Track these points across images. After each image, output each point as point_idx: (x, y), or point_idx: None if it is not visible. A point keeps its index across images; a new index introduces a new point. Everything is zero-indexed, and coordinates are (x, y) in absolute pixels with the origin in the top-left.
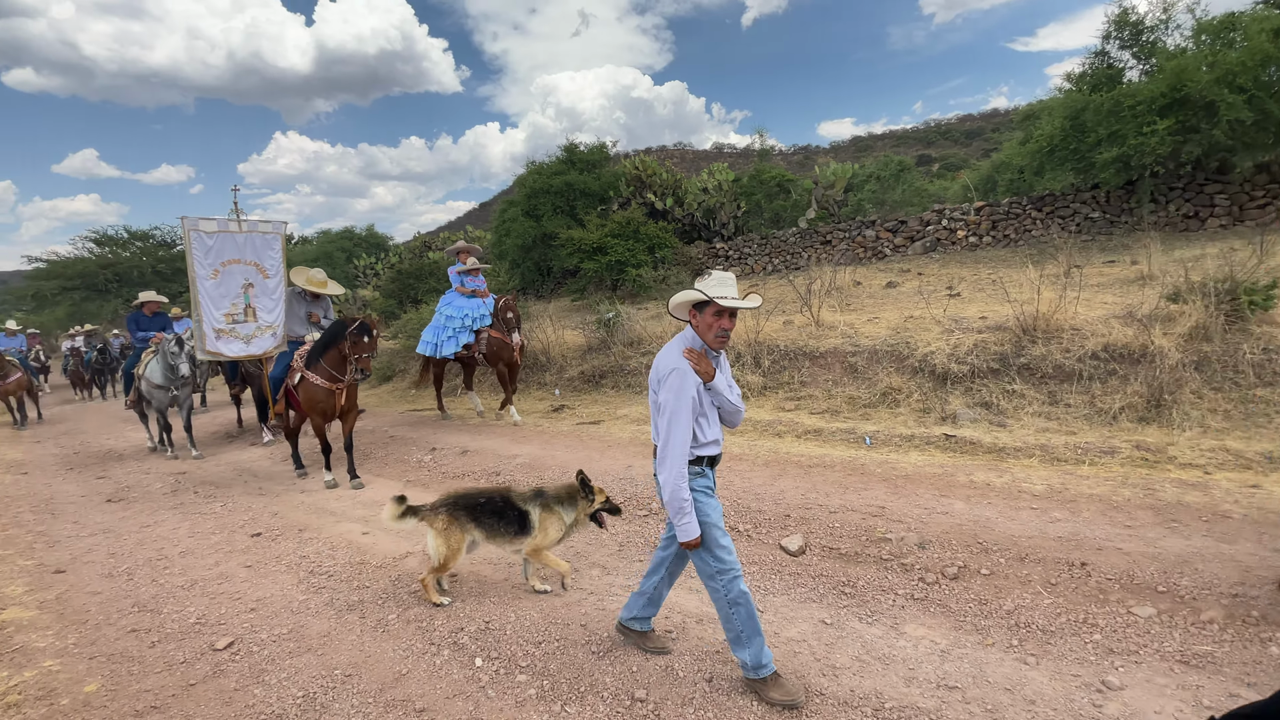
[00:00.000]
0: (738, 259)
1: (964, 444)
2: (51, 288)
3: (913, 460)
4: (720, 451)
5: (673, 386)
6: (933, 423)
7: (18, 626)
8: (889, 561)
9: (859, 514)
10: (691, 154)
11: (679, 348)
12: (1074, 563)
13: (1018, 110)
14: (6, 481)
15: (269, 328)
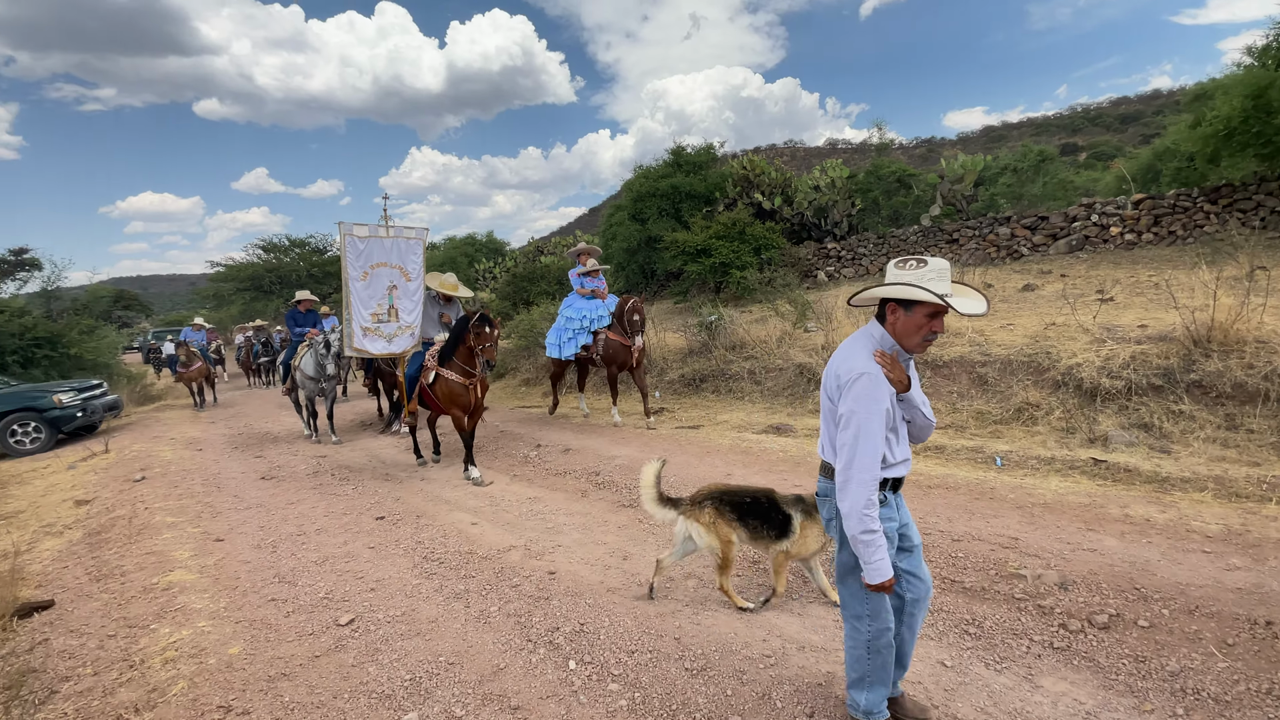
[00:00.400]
0: (851, 259)
1: (1117, 471)
2: (228, 288)
3: (1053, 487)
4: (908, 473)
5: (861, 394)
6: (1078, 445)
7: (182, 588)
8: (1023, 602)
9: (987, 544)
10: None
11: (865, 348)
12: (1257, 620)
13: (1185, 90)
14: (185, 456)
15: (408, 328)
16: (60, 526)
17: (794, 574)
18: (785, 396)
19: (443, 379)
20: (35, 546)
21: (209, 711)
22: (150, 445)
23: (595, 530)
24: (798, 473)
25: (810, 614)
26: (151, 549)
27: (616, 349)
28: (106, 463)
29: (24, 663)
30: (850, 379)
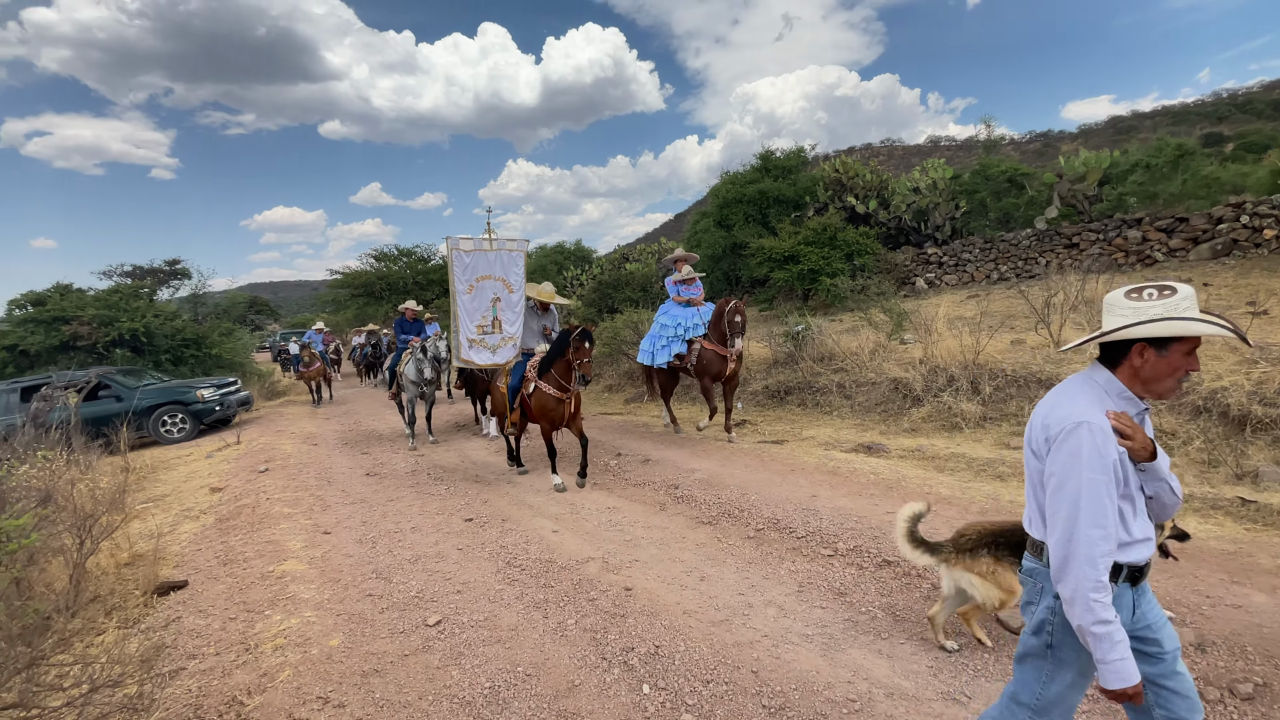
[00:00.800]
0: (954, 265)
1: (1269, 513)
2: (344, 294)
3: (1190, 528)
4: (1151, 557)
5: (1078, 450)
6: (1222, 481)
7: (293, 578)
8: None
9: None
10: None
11: (1087, 395)
12: None
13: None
14: (303, 450)
15: (510, 339)
16: (197, 511)
17: (879, 608)
18: (878, 413)
19: (539, 391)
20: (176, 529)
21: (310, 701)
22: (274, 439)
23: (673, 546)
24: (890, 498)
25: (900, 655)
26: (270, 538)
27: (711, 359)
28: (237, 453)
29: (159, 638)
30: (1064, 430)
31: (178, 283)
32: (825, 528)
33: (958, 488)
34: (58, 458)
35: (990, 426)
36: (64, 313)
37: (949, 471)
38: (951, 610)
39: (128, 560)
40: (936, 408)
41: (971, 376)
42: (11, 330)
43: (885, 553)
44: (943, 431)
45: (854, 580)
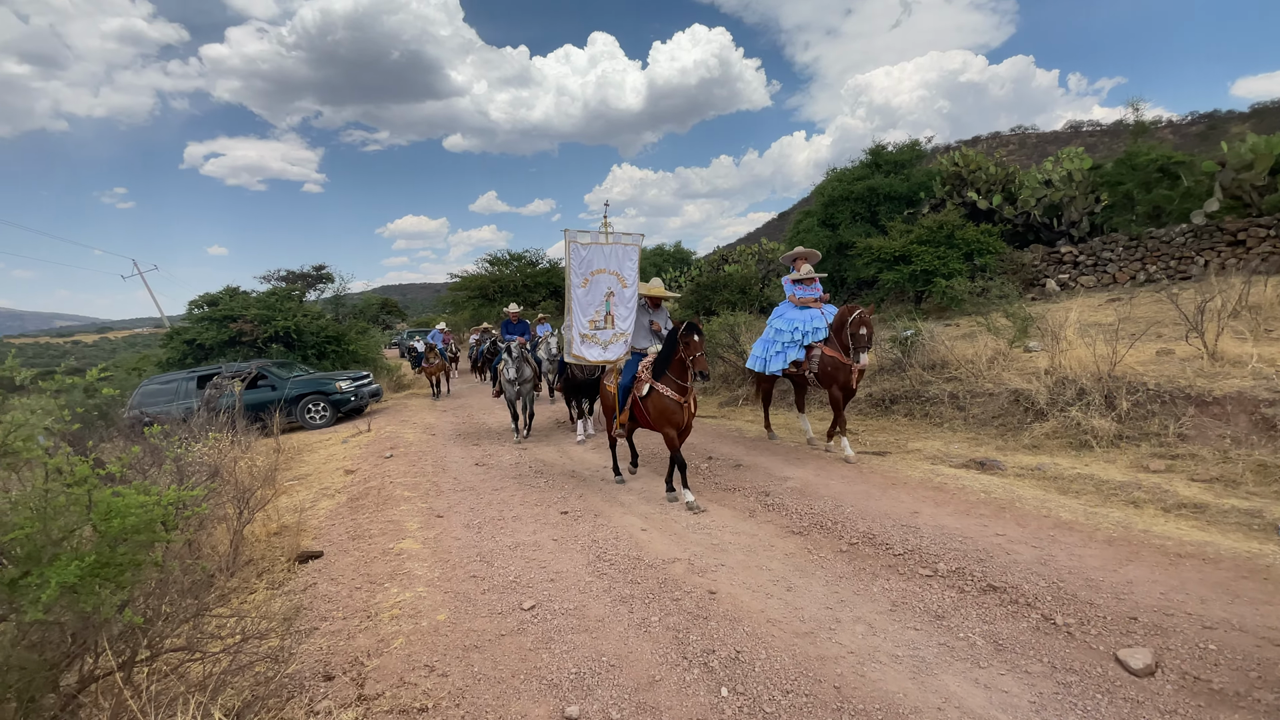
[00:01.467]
0: (1092, 265)
1: None
2: (461, 297)
3: None
4: None
5: None
6: None
7: (409, 555)
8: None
9: (1253, 638)
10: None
11: None
12: None
13: None
14: (423, 440)
15: (622, 335)
16: (333, 490)
17: (979, 635)
18: (994, 426)
19: (656, 394)
20: (315, 505)
21: (418, 668)
22: (398, 428)
23: (760, 554)
24: (1001, 519)
25: (999, 686)
26: (392, 517)
27: (835, 367)
28: (368, 440)
29: (300, 600)
30: None
31: (323, 286)
32: (925, 546)
33: (1081, 513)
34: (225, 438)
35: (1126, 446)
36: (232, 312)
37: (1073, 494)
38: None
39: (276, 530)
40: (1063, 423)
41: (1106, 390)
42: (191, 326)
43: (991, 577)
44: (1069, 450)
45: (953, 604)
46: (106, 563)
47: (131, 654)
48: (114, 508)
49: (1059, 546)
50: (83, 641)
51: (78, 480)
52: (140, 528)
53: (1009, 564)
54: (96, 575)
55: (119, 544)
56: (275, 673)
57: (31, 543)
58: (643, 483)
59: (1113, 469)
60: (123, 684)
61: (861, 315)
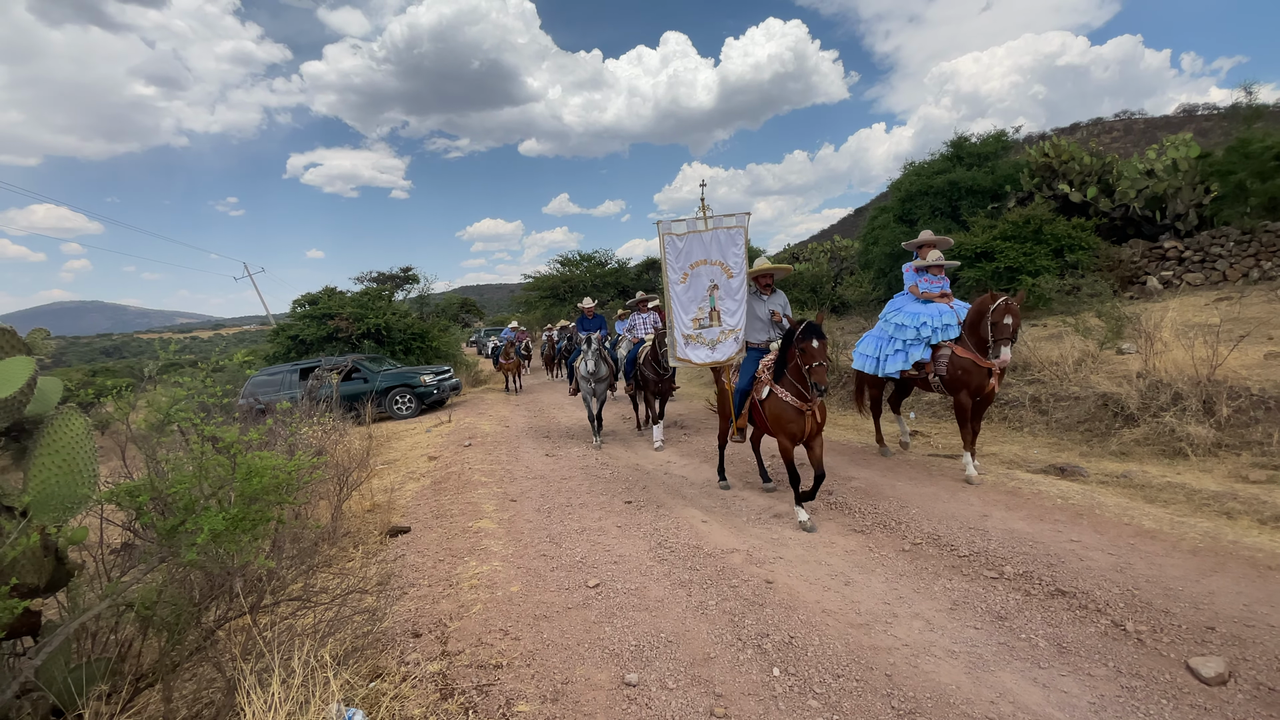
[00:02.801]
0: (1199, 261)
1: None
2: (534, 296)
3: None
4: None
5: None
6: None
7: (486, 533)
8: None
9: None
10: (1142, 123)
11: None
12: None
13: None
14: (498, 430)
15: (731, 331)
16: (419, 474)
17: (1042, 637)
18: (1080, 431)
19: (774, 398)
20: (403, 487)
21: (494, 631)
22: (476, 420)
23: (820, 550)
24: (1077, 526)
25: (1058, 686)
26: (470, 500)
27: (969, 369)
28: (449, 430)
29: (391, 568)
30: None
31: (409, 286)
32: (993, 549)
33: (1166, 521)
34: (328, 423)
35: (1225, 455)
36: (329, 310)
37: (1160, 503)
38: None
39: (369, 508)
40: (1155, 429)
41: (1205, 395)
42: (294, 323)
43: (1061, 582)
44: (1161, 457)
45: (1017, 606)
46: (244, 516)
47: (258, 599)
48: (254, 469)
49: (1138, 555)
50: (221, 585)
51: (227, 445)
52: (273, 488)
53: (1081, 569)
54: (238, 526)
55: (254, 501)
56: (371, 627)
57: (189, 496)
58: (704, 476)
59: (1207, 478)
60: (252, 624)
61: (1008, 303)
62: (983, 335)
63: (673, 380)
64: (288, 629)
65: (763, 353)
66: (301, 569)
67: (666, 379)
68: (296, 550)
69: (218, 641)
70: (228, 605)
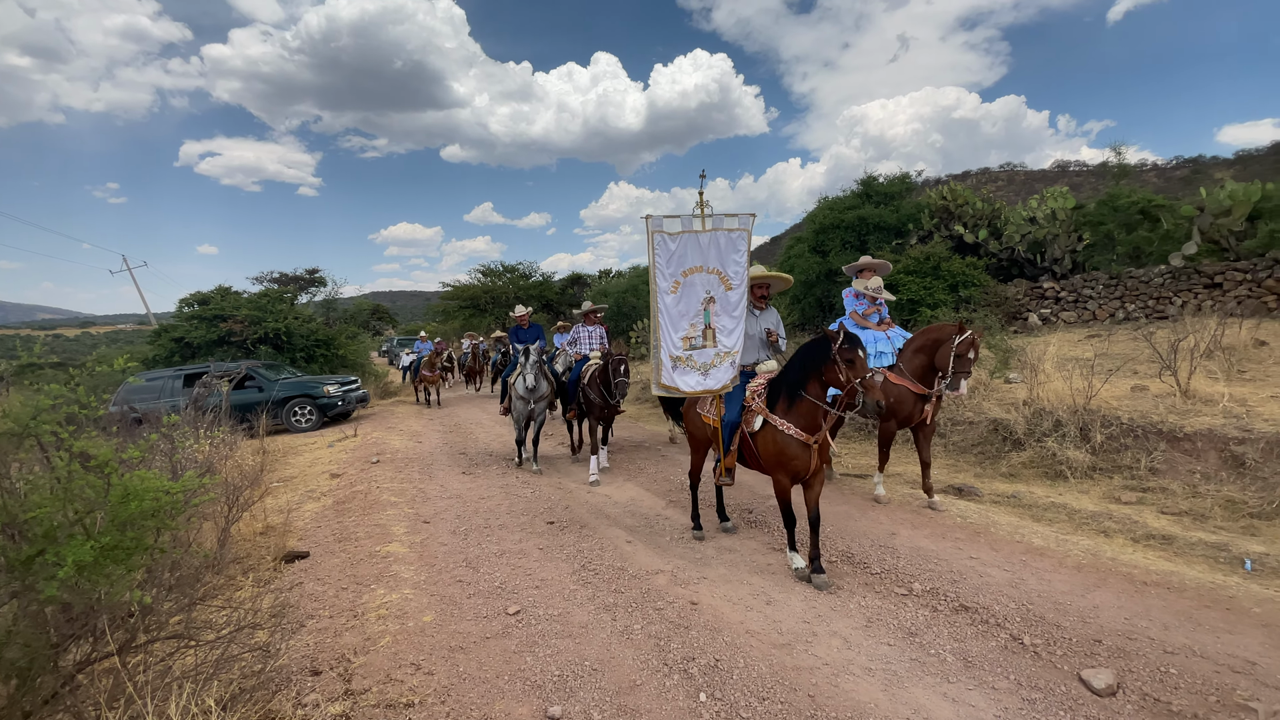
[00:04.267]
0: (1073, 301)
1: None
2: (453, 306)
3: None
4: None
5: None
6: None
7: (395, 559)
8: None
9: (1211, 663)
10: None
11: None
12: None
13: None
14: (410, 446)
15: (728, 354)
16: (319, 493)
17: (950, 652)
18: (973, 454)
19: (772, 430)
20: (301, 507)
21: (404, 666)
22: (385, 434)
23: (742, 569)
24: (976, 543)
25: (966, 700)
26: (378, 522)
27: (902, 398)
28: (354, 445)
29: (287, 598)
30: None
31: (315, 289)
32: (902, 567)
33: (1053, 539)
34: (216, 436)
35: (1100, 478)
36: (223, 311)
37: (1046, 522)
38: None
39: (262, 530)
40: (1039, 453)
41: (1081, 422)
42: (180, 324)
43: (964, 598)
44: (1044, 479)
45: (926, 622)
46: (117, 545)
47: (129, 638)
48: (133, 490)
49: (1030, 571)
50: (84, 623)
51: (100, 463)
52: (153, 512)
53: (981, 585)
54: (109, 556)
55: (129, 527)
56: (264, 665)
57: (49, 522)
58: (628, 495)
59: (1085, 499)
60: (121, 666)
61: (973, 337)
62: (934, 364)
63: (619, 404)
64: (164, 671)
65: (748, 378)
66: (182, 602)
67: (614, 403)
68: (176, 580)
69: (79, 687)
70: (92, 645)
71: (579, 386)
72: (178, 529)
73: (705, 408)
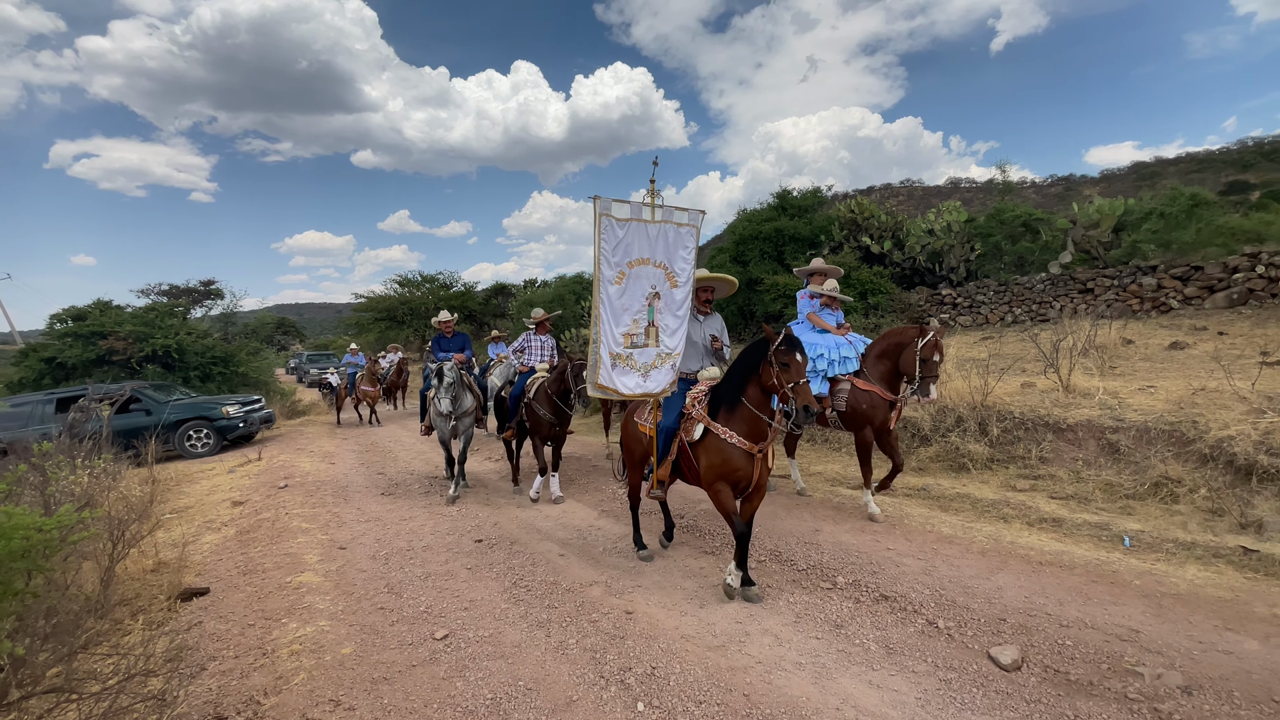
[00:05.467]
0: (968, 307)
1: (1271, 563)
2: (367, 317)
3: (1189, 576)
4: None
5: None
6: (1225, 530)
7: (309, 589)
8: (1136, 703)
9: (1101, 633)
10: (921, 190)
11: None
12: None
13: None
14: (321, 468)
15: (669, 356)
16: (219, 523)
17: (873, 640)
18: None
19: (713, 438)
20: (198, 539)
21: (322, 703)
22: (294, 456)
23: (675, 574)
24: (892, 535)
25: (889, 686)
26: (288, 550)
27: (874, 404)
28: (259, 469)
29: (183, 640)
30: None
31: (211, 302)
32: (826, 561)
33: (960, 527)
34: (99, 466)
35: (998, 468)
36: (102, 328)
37: (953, 511)
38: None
39: (153, 567)
40: (944, 448)
41: (980, 418)
42: (50, 343)
43: (883, 588)
44: (950, 472)
45: (850, 613)
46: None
47: (1, 695)
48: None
49: (940, 558)
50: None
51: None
52: (22, 553)
53: (898, 575)
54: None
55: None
56: (159, 715)
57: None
58: (558, 509)
59: (986, 488)
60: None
61: (936, 339)
62: (899, 368)
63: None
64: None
65: (689, 384)
66: (61, 651)
67: (566, 421)
68: (52, 628)
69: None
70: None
71: (521, 402)
72: (52, 570)
73: (643, 417)
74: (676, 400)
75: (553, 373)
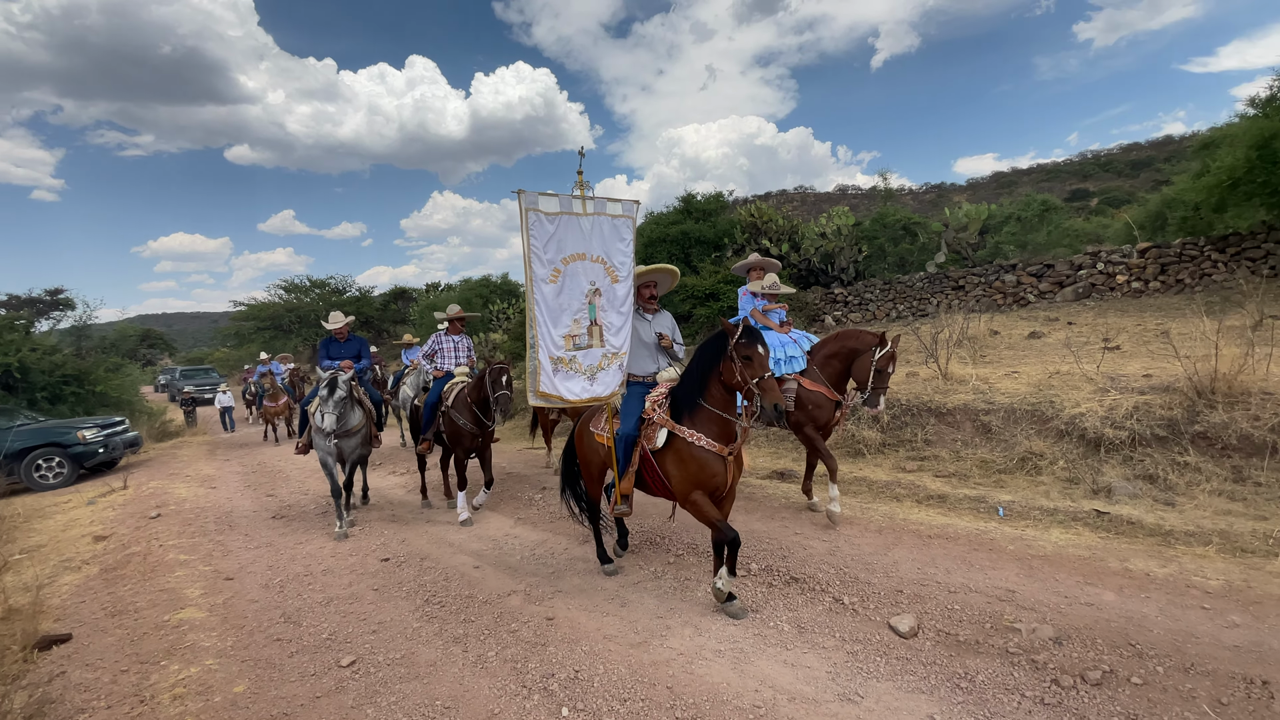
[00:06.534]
0: (858, 304)
1: (1119, 523)
2: (249, 327)
3: (1054, 538)
4: None
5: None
6: (1081, 496)
7: (191, 626)
8: (1016, 656)
9: (984, 596)
10: (814, 197)
11: None
12: (1253, 680)
13: (1196, 137)
14: (200, 494)
15: (615, 356)
16: (79, 561)
17: (785, 622)
18: (790, 441)
19: (680, 443)
20: (55, 581)
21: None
22: (166, 482)
23: (596, 575)
24: (799, 520)
25: (802, 664)
26: (164, 586)
27: (820, 404)
28: (124, 499)
29: (43, 694)
30: None
31: (59, 314)
32: (740, 550)
33: (858, 509)
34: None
35: (889, 452)
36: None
37: (852, 494)
38: None
39: (2, 615)
40: (841, 435)
41: None
42: None
43: (793, 571)
44: (848, 457)
45: (764, 598)
46: None
47: None
48: None
49: (843, 539)
50: None
51: None
52: None
53: (806, 557)
54: None
55: None
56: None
57: None
58: (481, 524)
59: (879, 471)
60: None
61: (893, 350)
62: (851, 373)
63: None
64: None
65: (648, 387)
66: None
67: (489, 430)
68: None
69: None
70: None
71: (437, 411)
72: None
73: (599, 425)
74: (634, 405)
75: (471, 377)
